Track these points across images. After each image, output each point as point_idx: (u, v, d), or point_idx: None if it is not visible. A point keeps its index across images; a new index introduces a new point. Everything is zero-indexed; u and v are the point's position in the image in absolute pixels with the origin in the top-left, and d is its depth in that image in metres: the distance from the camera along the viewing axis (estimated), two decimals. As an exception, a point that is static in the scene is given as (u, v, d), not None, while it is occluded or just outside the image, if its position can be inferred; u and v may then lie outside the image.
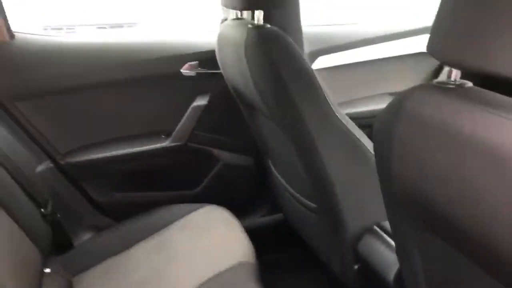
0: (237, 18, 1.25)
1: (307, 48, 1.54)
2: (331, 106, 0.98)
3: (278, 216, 1.67)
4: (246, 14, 1.31)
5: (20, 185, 1.25)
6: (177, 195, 1.61)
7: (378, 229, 1.05)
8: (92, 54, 1.43)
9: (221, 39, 1.24)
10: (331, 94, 1.03)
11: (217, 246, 1.19)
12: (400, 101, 0.60)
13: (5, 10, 1.33)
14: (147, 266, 1.19)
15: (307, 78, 0.96)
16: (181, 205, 1.39)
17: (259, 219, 1.70)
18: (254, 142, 1.58)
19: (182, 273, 1.13)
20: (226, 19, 1.40)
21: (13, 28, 1.37)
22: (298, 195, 1.24)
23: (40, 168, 1.45)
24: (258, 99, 1.07)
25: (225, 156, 1.64)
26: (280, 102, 0.99)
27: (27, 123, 1.40)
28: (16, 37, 1.37)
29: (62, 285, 1.21)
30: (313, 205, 1.14)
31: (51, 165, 1.46)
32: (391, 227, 0.74)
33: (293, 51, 0.96)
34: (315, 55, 1.63)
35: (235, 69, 1.16)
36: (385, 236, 1.04)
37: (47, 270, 1.23)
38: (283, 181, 1.33)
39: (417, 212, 0.62)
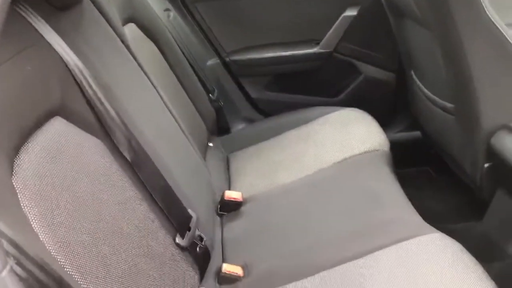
0: None
1: None
2: (485, 8, 0.97)
3: (415, 133, 1.71)
4: None
5: (195, 71, 1.52)
6: (320, 100, 1.74)
7: None
8: None
9: None
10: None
11: (355, 135, 1.30)
12: None
13: None
14: (290, 151, 1.37)
15: None
16: (325, 107, 1.52)
17: (395, 134, 1.75)
18: (398, 59, 1.63)
19: (320, 154, 1.29)
20: None
21: None
22: (436, 98, 1.28)
23: (210, 62, 1.71)
24: (412, 2, 1.13)
25: (367, 69, 1.72)
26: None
27: (203, 22, 1.65)
28: None
29: (220, 157, 1.48)
30: (450, 105, 1.19)
31: (218, 60, 1.72)
32: None
33: None
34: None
35: None
36: None
37: (210, 144, 1.51)
38: (424, 89, 1.37)
39: None
